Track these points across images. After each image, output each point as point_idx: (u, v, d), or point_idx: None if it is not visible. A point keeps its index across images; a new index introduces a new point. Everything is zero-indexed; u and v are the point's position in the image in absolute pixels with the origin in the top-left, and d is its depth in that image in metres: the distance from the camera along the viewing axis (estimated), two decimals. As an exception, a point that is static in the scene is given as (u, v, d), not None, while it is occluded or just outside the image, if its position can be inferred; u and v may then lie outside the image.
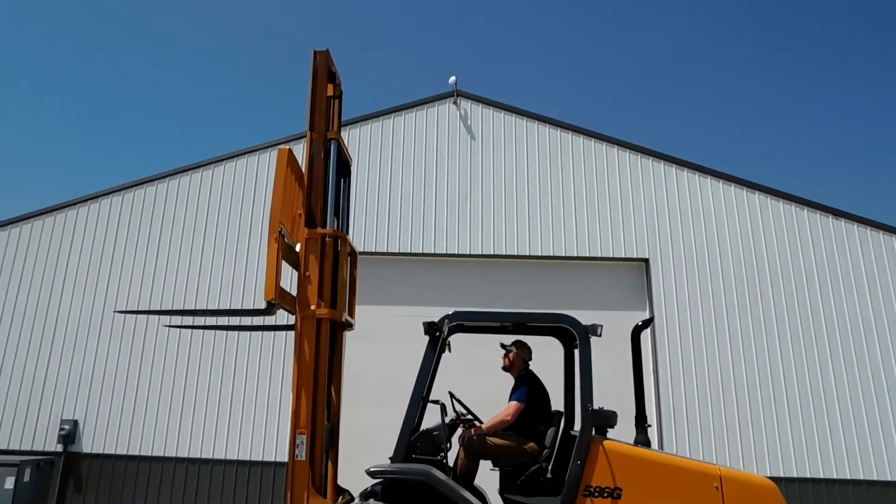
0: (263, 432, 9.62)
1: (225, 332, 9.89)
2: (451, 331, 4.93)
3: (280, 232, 4.48)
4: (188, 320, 9.30)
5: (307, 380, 4.66)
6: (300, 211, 4.99)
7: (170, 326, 6.96)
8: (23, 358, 10.07)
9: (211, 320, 9.28)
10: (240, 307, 9.99)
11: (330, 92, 5.27)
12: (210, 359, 9.93)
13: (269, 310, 4.45)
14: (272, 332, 9.92)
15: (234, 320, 9.19)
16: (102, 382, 9.90)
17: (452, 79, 11.14)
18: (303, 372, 4.67)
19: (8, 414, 9.86)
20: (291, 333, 5.19)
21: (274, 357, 9.89)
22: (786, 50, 32.51)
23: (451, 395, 5.30)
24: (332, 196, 5.06)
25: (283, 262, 4.58)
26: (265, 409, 9.71)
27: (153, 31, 37.12)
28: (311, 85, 5.09)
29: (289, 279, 4.67)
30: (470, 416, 5.32)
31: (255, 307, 10.09)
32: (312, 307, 4.72)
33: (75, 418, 9.76)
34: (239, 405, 9.74)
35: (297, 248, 4.91)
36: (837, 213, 10.36)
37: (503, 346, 5.52)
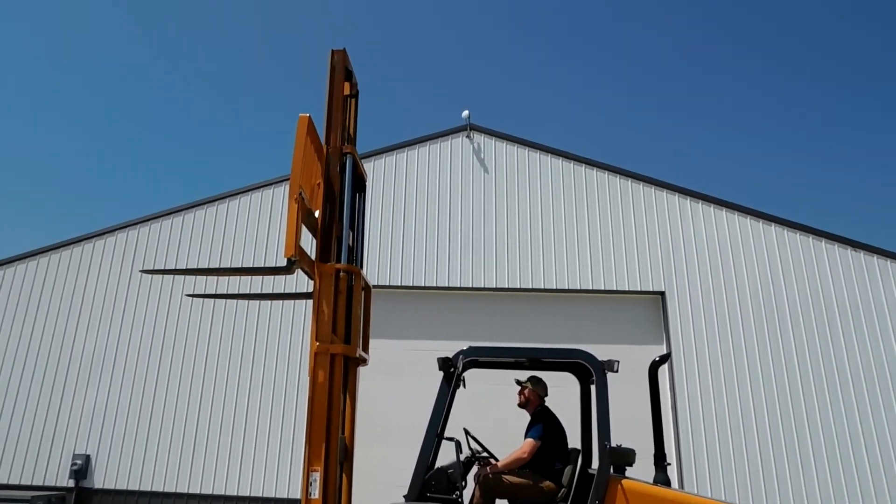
0: (276, 468, 9.52)
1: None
2: (466, 366, 4.86)
3: (300, 195, 4.48)
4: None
5: (321, 416, 4.60)
6: (319, 181, 5.00)
7: (192, 296, 6.88)
8: (36, 392, 10.08)
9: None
10: (253, 349, 10.00)
11: (347, 91, 5.30)
12: (223, 393, 9.89)
13: (289, 268, 4.41)
14: (285, 370, 9.90)
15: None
16: (115, 417, 9.87)
17: (465, 112, 11.24)
18: (316, 408, 4.61)
19: (20, 448, 9.83)
20: (305, 371, 5.15)
21: (287, 393, 9.83)
22: (800, 80, 32.58)
23: (466, 432, 5.22)
24: (348, 210, 5.03)
25: (303, 225, 4.55)
26: (278, 445, 9.62)
27: (174, 67, 37.87)
28: (328, 83, 5.13)
29: (308, 245, 4.68)
30: (485, 454, 5.23)
31: (270, 345, 10.18)
32: (326, 342, 4.68)
33: (87, 453, 9.71)
34: (252, 441, 9.66)
35: (317, 214, 4.90)
36: (856, 245, 10.23)
37: (518, 382, 5.45)
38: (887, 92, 31.67)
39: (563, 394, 5.76)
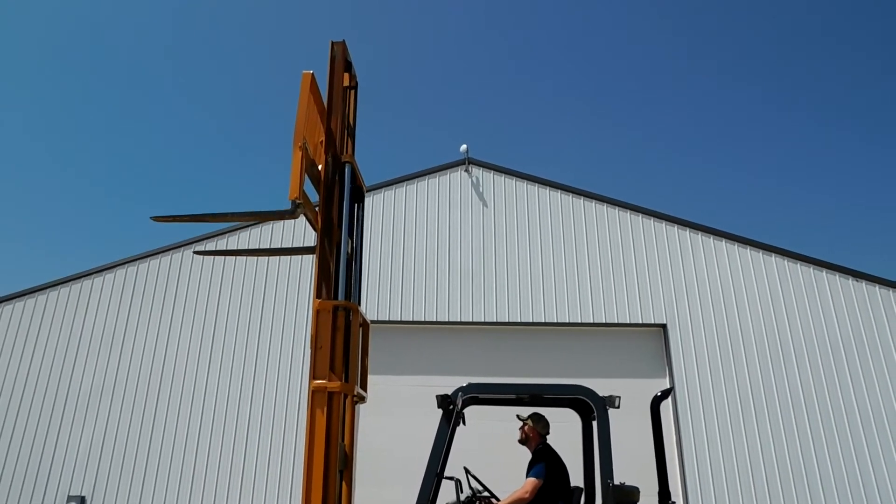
0: (274, 508, 9.35)
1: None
2: (465, 403, 4.80)
3: (304, 145, 4.49)
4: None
5: (319, 455, 4.52)
6: (321, 139, 5.08)
7: (202, 254, 6.65)
8: (32, 431, 9.92)
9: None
10: (251, 386, 9.91)
11: (346, 82, 5.36)
12: (221, 432, 9.76)
13: (294, 211, 4.41)
14: (284, 409, 9.78)
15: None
16: (111, 457, 9.71)
17: (464, 147, 11.30)
18: (314, 447, 4.53)
19: (14, 489, 9.64)
20: (304, 409, 5.07)
21: (286, 431, 9.70)
22: (797, 107, 32.90)
23: (467, 471, 5.14)
24: (347, 218, 4.99)
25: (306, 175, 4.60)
26: (277, 484, 9.46)
27: (171, 99, 38.30)
28: (328, 73, 5.19)
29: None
30: (486, 493, 5.14)
31: (268, 383, 10.08)
32: (324, 380, 4.62)
33: (82, 494, 9.53)
34: (251, 479, 9.50)
35: (320, 168, 4.97)
36: (858, 275, 10.20)
37: (519, 417, 5.38)
38: (889, 118, 31.93)
39: (564, 430, 5.67)
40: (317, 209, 4.89)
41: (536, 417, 5.30)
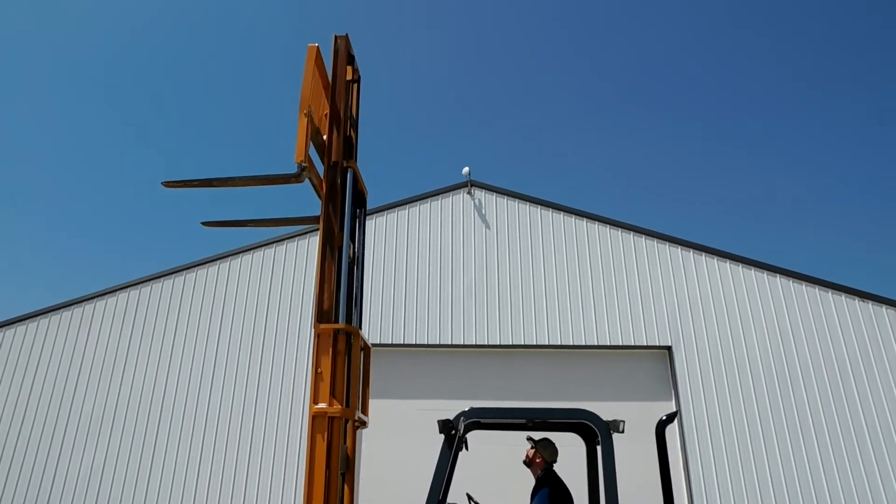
0: (276, 535, 9.22)
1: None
2: (468, 428, 4.74)
3: (309, 112, 4.57)
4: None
5: (320, 481, 4.46)
6: (326, 111, 5.17)
7: (207, 224, 6.43)
8: (32, 456, 9.85)
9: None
10: (252, 411, 9.83)
11: (349, 75, 5.43)
12: (223, 457, 9.67)
13: (299, 175, 4.49)
14: (286, 434, 9.68)
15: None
16: (112, 483, 9.62)
17: (466, 169, 11.31)
18: (315, 473, 4.47)
19: (14, 517, 9.56)
20: (305, 434, 4.99)
21: (288, 457, 9.60)
22: (799, 122, 32.97)
23: (469, 497, 5.06)
24: (349, 222, 4.96)
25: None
26: (278, 509, 9.35)
27: (174, 120, 38.55)
28: (332, 66, 5.27)
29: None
30: (489, 520, 5.05)
31: (269, 408, 10.01)
32: (324, 405, 4.57)
33: (83, 521, 9.43)
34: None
35: (325, 137, 5.06)
36: (865, 296, 10.12)
37: (530, 439, 5.32)
38: (886, 130, 31.96)
39: (569, 455, 5.59)
40: (321, 179, 4.98)
41: (545, 443, 5.22)
